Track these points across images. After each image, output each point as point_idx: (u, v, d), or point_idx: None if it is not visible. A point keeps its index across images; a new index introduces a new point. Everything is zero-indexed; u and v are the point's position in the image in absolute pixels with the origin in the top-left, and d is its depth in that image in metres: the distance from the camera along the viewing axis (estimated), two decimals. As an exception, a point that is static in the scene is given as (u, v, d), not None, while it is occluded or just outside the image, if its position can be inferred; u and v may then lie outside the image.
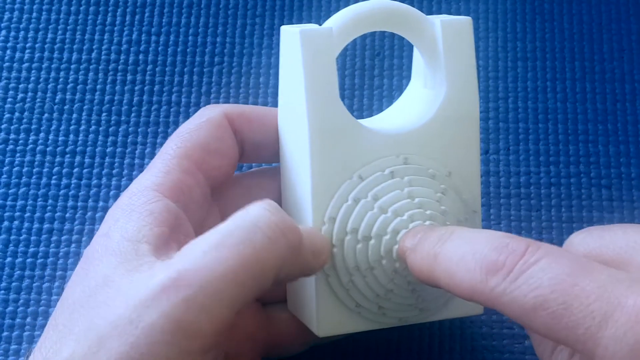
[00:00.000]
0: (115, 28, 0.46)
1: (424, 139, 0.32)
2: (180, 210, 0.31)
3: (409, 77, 0.45)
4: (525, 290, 0.25)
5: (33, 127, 0.43)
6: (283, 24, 0.46)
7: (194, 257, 0.27)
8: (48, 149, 0.43)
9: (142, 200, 0.30)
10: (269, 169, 0.35)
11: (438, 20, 0.32)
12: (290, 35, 0.31)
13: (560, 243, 0.40)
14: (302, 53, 0.31)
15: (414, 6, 0.33)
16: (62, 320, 0.28)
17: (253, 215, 0.28)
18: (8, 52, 0.45)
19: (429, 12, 0.46)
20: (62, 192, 0.42)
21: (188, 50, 0.45)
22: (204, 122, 0.33)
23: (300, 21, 0.46)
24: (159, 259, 0.28)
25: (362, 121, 0.33)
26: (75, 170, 0.42)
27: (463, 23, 0.32)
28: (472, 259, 0.27)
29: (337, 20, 0.32)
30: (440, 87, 0.33)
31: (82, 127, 0.43)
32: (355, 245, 0.31)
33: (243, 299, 0.27)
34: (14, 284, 0.39)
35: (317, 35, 0.31)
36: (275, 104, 0.44)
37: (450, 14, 0.46)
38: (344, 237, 0.31)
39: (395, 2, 0.32)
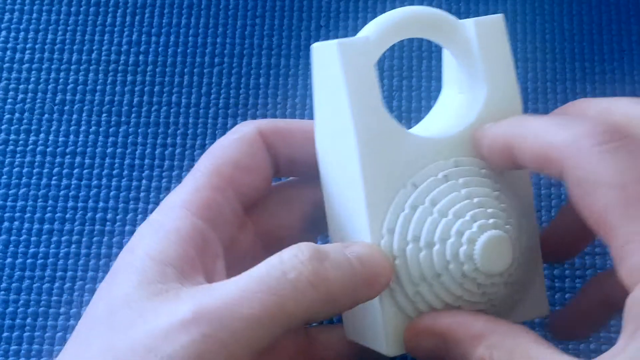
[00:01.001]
0: (115, 29, 0.46)
1: (469, 140, 0.32)
2: (209, 229, 0.30)
3: (409, 78, 0.45)
4: (612, 165, 0.25)
5: (33, 127, 0.43)
6: (283, 25, 0.47)
7: (219, 295, 0.27)
8: (48, 149, 0.43)
9: (169, 218, 0.30)
10: (306, 179, 0.34)
11: (472, 22, 0.32)
12: (325, 50, 0.31)
13: (560, 243, 0.40)
14: (342, 65, 0.30)
15: (413, 7, 0.33)
16: (82, 335, 0.28)
17: (285, 264, 0.28)
18: (8, 52, 0.45)
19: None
20: (62, 192, 0.42)
21: (188, 51, 0.45)
22: (236, 139, 0.32)
23: (300, 22, 0.46)
24: (184, 286, 0.28)
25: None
26: (76, 170, 0.42)
27: (496, 21, 0.32)
28: (567, 124, 0.27)
29: (374, 28, 0.31)
30: (479, 89, 0.32)
31: (82, 128, 0.43)
32: (418, 254, 0.30)
33: (266, 341, 0.27)
34: (14, 284, 0.39)
35: (355, 45, 0.30)
36: (275, 104, 0.44)
37: (450, 14, 0.46)
38: (406, 247, 0.30)
39: (428, 7, 0.32)
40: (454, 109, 0.33)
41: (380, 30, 0.31)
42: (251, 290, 0.27)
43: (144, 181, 0.42)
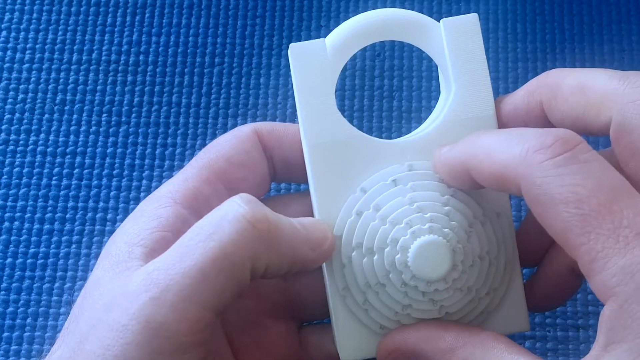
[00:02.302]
0: (116, 29, 0.46)
1: (434, 143, 0.31)
2: (193, 218, 0.30)
3: (409, 78, 0.45)
4: (566, 180, 0.24)
5: (33, 127, 0.43)
6: (283, 25, 0.47)
7: (166, 257, 0.27)
8: (48, 149, 0.43)
9: (153, 206, 0.30)
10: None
11: (441, 21, 0.32)
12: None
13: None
14: (292, 67, 0.31)
15: (413, 9, 0.33)
16: (65, 324, 0.29)
17: (222, 210, 0.28)
18: (8, 52, 0.45)
19: (429, 14, 0.46)
20: (62, 192, 0.42)
21: (188, 51, 0.45)
22: (231, 137, 0.33)
23: (300, 22, 0.46)
24: (147, 262, 0.28)
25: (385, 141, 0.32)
26: (76, 170, 0.42)
27: (468, 20, 0.32)
28: (517, 139, 0.26)
29: (335, 35, 0.31)
30: (450, 91, 0.32)
31: (83, 128, 0.43)
32: (362, 261, 0.30)
33: (216, 295, 0.27)
34: (14, 284, 0.39)
35: (306, 48, 0.31)
36: (275, 104, 0.44)
37: (450, 14, 0.46)
38: (351, 254, 0.30)
39: (399, 10, 0.32)
40: (434, 114, 0.33)
41: (346, 35, 0.31)
42: (191, 243, 0.27)
43: (144, 181, 0.42)
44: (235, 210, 0.28)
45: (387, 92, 0.44)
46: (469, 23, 0.32)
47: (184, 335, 0.26)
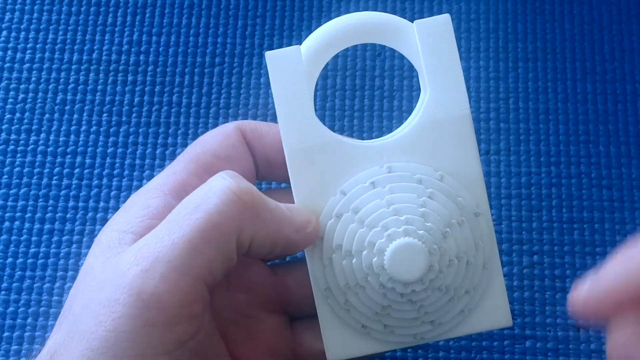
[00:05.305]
0: (116, 29, 0.46)
1: (411, 144, 0.32)
2: None
3: (409, 78, 0.45)
4: None
5: (34, 127, 0.43)
6: (283, 25, 0.47)
7: (154, 231, 0.28)
8: (49, 149, 0.43)
9: (142, 197, 0.31)
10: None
11: (414, 23, 0.32)
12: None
13: (560, 243, 0.40)
14: (270, 74, 0.31)
15: (413, 9, 0.33)
16: (60, 314, 0.29)
17: (208, 184, 0.29)
18: (9, 52, 0.45)
19: (430, 14, 0.46)
20: (62, 192, 0.42)
21: (189, 51, 0.45)
22: (216, 132, 0.33)
23: (300, 22, 0.46)
24: None
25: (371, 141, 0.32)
26: (76, 170, 0.42)
27: (440, 21, 0.32)
28: None
29: (310, 41, 0.32)
30: (425, 92, 0.32)
31: (83, 128, 0.43)
32: (341, 263, 0.31)
33: (206, 266, 0.27)
34: (14, 284, 0.39)
35: (281, 56, 0.31)
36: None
37: (450, 14, 0.46)
38: (332, 255, 0.31)
39: (370, 13, 0.32)
40: (414, 114, 0.33)
41: (320, 40, 0.32)
42: (179, 216, 0.28)
43: (144, 181, 0.42)
44: (221, 183, 0.28)
45: (387, 92, 0.44)
46: (442, 24, 0.32)
47: (175, 307, 0.26)
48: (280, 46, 0.46)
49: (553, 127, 0.43)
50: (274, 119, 0.44)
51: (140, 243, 0.28)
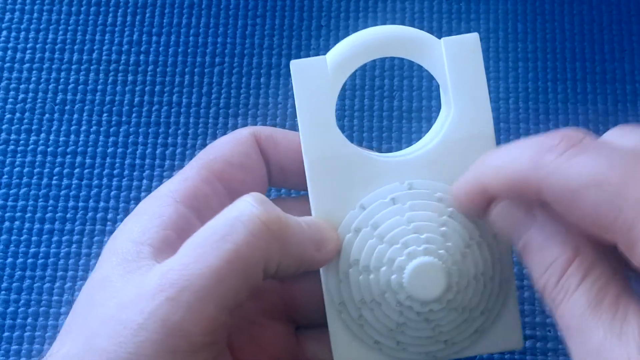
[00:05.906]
0: (116, 29, 0.46)
1: (433, 162, 0.31)
2: (194, 216, 0.31)
3: (409, 78, 0.45)
4: (582, 168, 0.25)
5: (34, 127, 0.43)
6: (283, 25, 0.47)
7: (179, 257, 0.27)
8: (49, 149, 0.43)
9: (154, 205, 0.30)
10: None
11: (442, 40, 0.32)
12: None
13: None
14: (294, 83, 0.31)
15: (413, 9, 0.33)
16: (67, 321, 0.29)
17: (236, 210, 0.28)
18: (9, 52, 0.45)
19: (430, 15, 0.46)
20: (62, 192, 0.42)
21: (189, 50, 0.45)
22: (229, 138, 0.33)
23: (300, 22, 0.46)
24: (158, 262, 0.28)
25: (388, 154, 0.32)
26: (76, 170, 0.42)
27: (469, 40, 0.32)
28: (526, 146, 0.27)
29: (336, 52, 0.32)
30: (449, 110, 0.32)
31: (83, 128, 0.43)
32: (358, 278, 0.30)
33: (231, 296, 0.27)
34: (14, 284, 0.39)
35: (308, 65, 0.31)
36: (275, 104, 0.44)
37: (450, 15, 0.46)
38: (348, 270, 0.31)
39: (400, 27, 0.32)
40: (434, 130, 0.33)
41: (347, 52, 0.32)
42: (207, 244, 0.27)
43: (144, 181, 0.42)
44: (250, 211, 0.28)
45: (387, 92, 0.44)
46: (470, 43, 0.32)
47: (199, 335, 0.27)
48: (280, 46, 0.46)
49: (553, 127, 0.43)
50: (274, 118, 0.44)
51: (165, 267, 0.27)
